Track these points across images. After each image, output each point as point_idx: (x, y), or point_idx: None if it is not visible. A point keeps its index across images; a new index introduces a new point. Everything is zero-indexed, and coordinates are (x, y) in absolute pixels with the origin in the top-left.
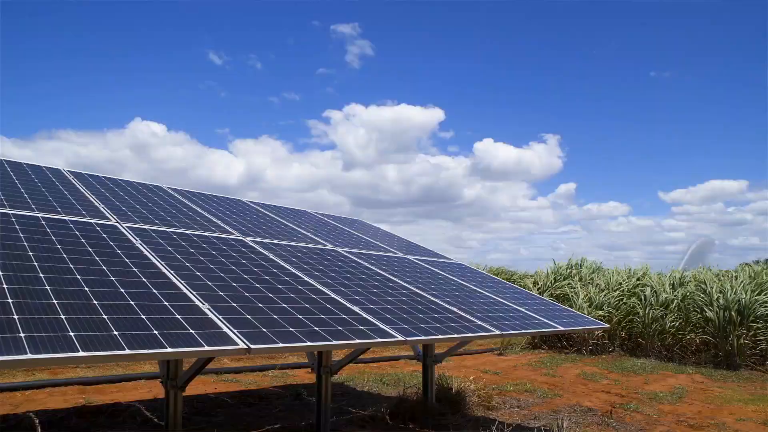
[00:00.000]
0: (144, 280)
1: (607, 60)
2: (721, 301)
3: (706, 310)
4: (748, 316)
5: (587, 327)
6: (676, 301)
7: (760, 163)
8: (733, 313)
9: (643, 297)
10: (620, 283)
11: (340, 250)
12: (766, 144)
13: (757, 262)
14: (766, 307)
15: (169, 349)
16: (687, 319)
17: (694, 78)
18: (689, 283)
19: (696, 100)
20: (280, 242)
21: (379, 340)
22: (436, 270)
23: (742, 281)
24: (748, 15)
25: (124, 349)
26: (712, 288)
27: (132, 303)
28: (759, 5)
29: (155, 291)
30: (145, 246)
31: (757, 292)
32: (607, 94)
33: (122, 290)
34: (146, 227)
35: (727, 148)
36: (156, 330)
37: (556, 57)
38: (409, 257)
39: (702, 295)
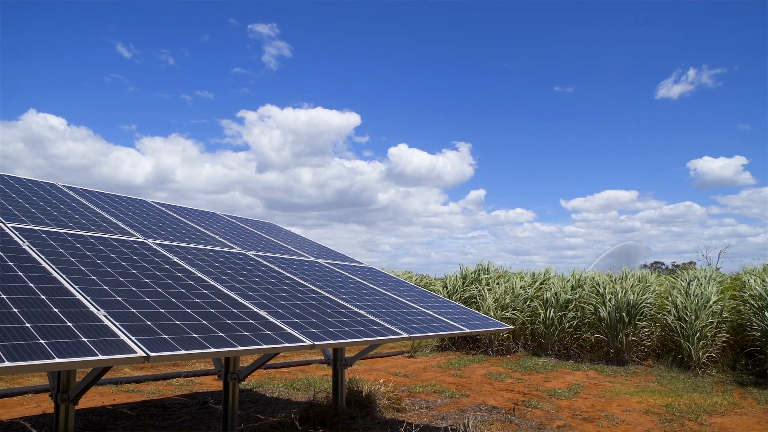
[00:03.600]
0: (31, 285)
1: (515, 73)
2: (612, 301)
3: (600, 310)
4: (636, 315)
5: (493, 329)
6: (574, 302)
7: (647, 175)
8: (623, 313)
9: (544, 299)
10: (525, 287)
11: (249, 253)
12: (653, 157)
13: (645, 265)
14: (649, 307)
15: (57, 360)
16: (583, 318)
17: (594, 94)
18: (586, 284)
19: (595, 115)
20: (185, 245)
21: (287, 345)
22: (347, 274)
23: (631, 283)
24: (643, 38)
25: (3, 362)
26: (605, 289)
27: (15, 310)
28: (653, 30)
29: (44, 297)
30: (34, 248)
31: (643, 293)
32: (515, 106)
33: (4, 296)
34: (36, 228)
35: (621, 160)
36: (43, 339)
37: (469, 68)
38: (320, 261)
39: (596, 296)
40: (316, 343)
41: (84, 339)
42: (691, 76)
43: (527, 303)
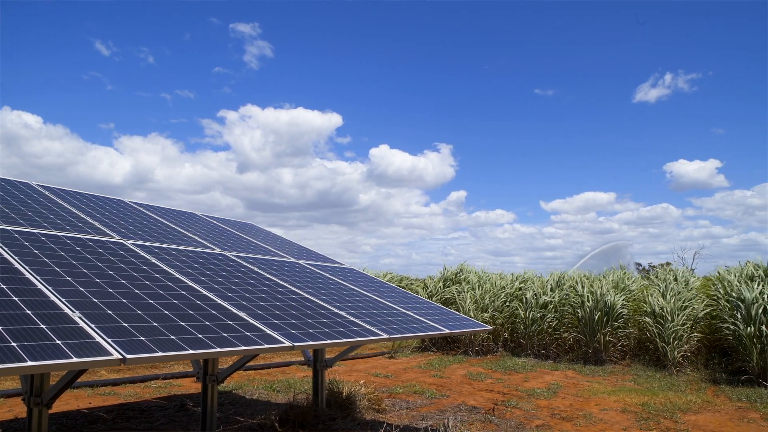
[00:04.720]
0: (3, 286)
1: (496, 75)
2: (590, 302)
3: (578, 310)
4: (613, 316)
5: (472, 329)
6: (553, 302)
7: (625, 177)
8: (600, 313)
9: (524, 299)
10: (504, 287)
11: (228, 254)
12: (631, 159)
13: (623, 267)
14: (625, 308)
15: (30, 363)
16: (562, 319)
17: (574, 97)
18: (565, 284)
19: (574, 118)
20: (164, 246)
21: (266, 346)
22: (327, 275)
23: (608, 284)
24: (622, 42)
25: None
26: (583, 290)
27: None
28: (631, 34)
29: (16, 299)
30: (6, 249)
31: (619, 294)
32: (496, 108)
33: None
34: (8, 228)
35: (599, 162)
36: (15, 342)
37: (450, 69)
38: (300, 262)
39: (575, 297)
40: (295, 344)
41: (58, 341)
42: (667, 80)
43: (507, 304)
